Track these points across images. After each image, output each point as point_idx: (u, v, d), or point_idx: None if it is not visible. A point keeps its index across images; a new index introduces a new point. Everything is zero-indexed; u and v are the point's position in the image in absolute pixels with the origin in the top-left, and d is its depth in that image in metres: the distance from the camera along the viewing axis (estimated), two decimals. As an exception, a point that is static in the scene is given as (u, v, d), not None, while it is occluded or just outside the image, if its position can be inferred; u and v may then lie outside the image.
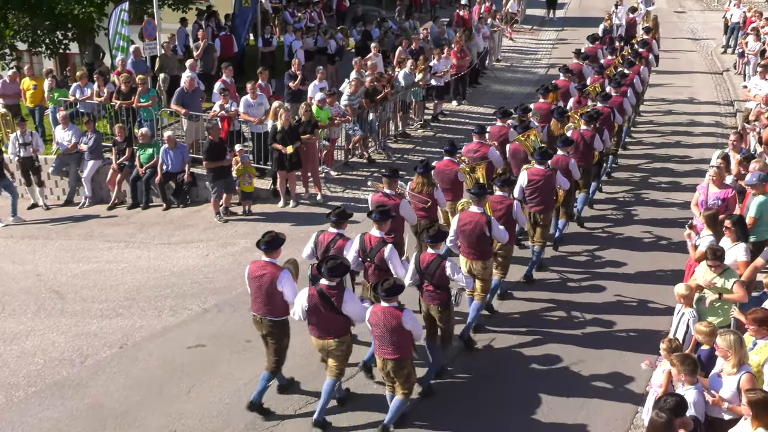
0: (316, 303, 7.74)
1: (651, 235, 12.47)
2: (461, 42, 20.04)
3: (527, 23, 31.04)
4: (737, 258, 8.69)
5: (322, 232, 9.01)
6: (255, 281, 8.13)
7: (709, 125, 18.37)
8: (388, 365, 7.69)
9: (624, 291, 10.79)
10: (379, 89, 16.30)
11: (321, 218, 13.61)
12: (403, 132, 17.86)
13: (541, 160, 10.74)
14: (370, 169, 15.86)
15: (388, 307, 7.58)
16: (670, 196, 14.02)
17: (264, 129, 14.67)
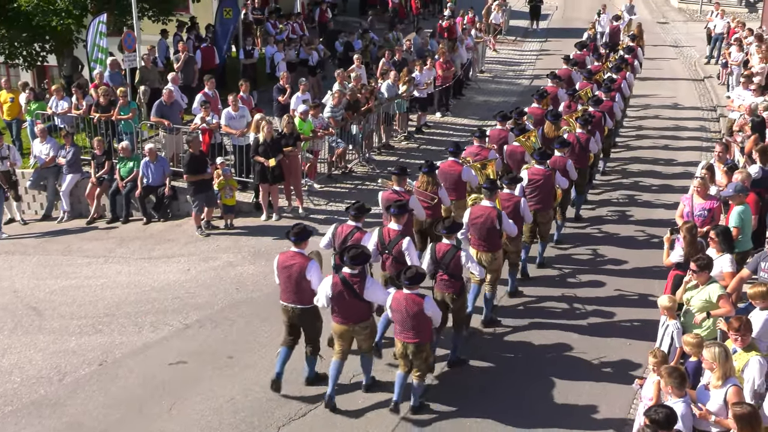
0: (340, 290, 8.24)
1: (645, 234, 13.04)
2: (445, 53, 20.14)
3: (511, 34, 31.26)
4: (723, 269, 8.75)
5: (341, 224, 9.53)
6: (284, 271, 8.59)
7: (694, 129, 19.10)
8: (408, 348, 8.23)
9: (623, 286, 11.29)
10: (362, 101, 16.33)
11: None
12: (387, 144, 17.88)
13: (540, 160, 11.35)
14: (353, 181, 15.86)
15: (410, 294, 8.09)
16: (660, 197, 14.64)
17: (246, 141, 14.65)
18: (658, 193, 14.88)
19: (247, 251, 12.99)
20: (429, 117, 19.84)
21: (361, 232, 9.31)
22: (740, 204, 9.98)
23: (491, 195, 9.93)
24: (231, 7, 21.02)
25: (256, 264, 12.43)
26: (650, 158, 16.93)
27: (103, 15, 17.84)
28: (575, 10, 36.47)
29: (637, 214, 13.94)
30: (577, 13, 35.21)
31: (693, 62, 26.77)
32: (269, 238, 13.46)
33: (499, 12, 29.67)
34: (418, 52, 21.47)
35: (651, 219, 13.67)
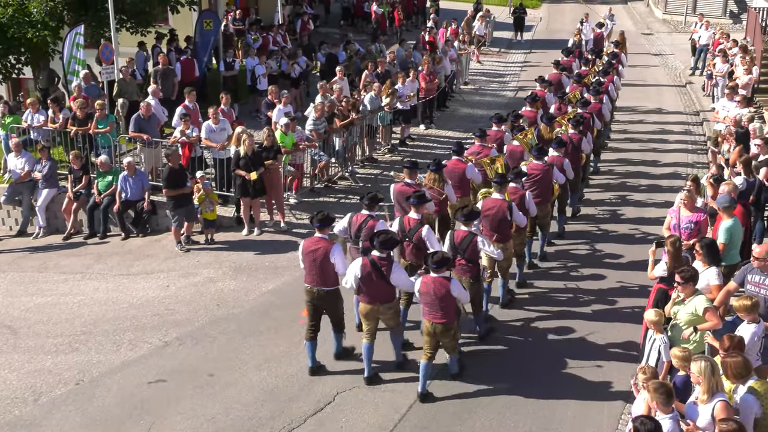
0: (368, 272, 9.00)
1: (639, 232, 13.82)
2: (429, 65, 20.24)
3: (495, 46, 31.47)
4: (709, 281, 8.80)
5: (355, 214, 10.28)
6: (309, 255, 9.31)
7: (680, 133, 20.08)
8: (437, 328, 8.94)
9: (623, 278, 12.01)
10: (345, 113, 16.37)
11: (286, 246, 13.60)
12: (370, 157, 17.92)
13: (538, 156, 12.18)
14: (336, 194, 15.87)
15: (438, 278, 8.79)
16: (651, 196, 15.53)
17: (226, 155, 14.63)
18: (648, 193, 15.73)
19: (228, 266, 12.95)
20: (413, 129, 19.91)
21: (374, 220, 10.07)
22: (729, 217, 10.01)
23: (501, 188, 10.76)
24: (211, 18, 21.06)
25: (238, 279, 12.39)
26: (639, 160, 17.83)
27: (80, 26, 17.80)
28: (559, 22, 36.83)
29: (630, 212, 14.73)
30: (560, 25, 35.54)
31: (678, 74, 27.07)
32: (250, 253, 13.42)
33: (482, 23, 29.89)
34: (401, 64, 21.56)
35: (643, 217, 14.45)
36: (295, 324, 10.76)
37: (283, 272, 12.59)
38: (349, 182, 16.58)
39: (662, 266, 9.20)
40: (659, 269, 9.25)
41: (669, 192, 15.28)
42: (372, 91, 17.71)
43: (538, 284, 11.93)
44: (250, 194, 13.92)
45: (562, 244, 13.29)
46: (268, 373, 9.65)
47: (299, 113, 16.91)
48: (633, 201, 15.35)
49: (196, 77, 19.87)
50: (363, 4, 32.11)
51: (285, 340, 10.42)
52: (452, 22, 28.22)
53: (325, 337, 9.76)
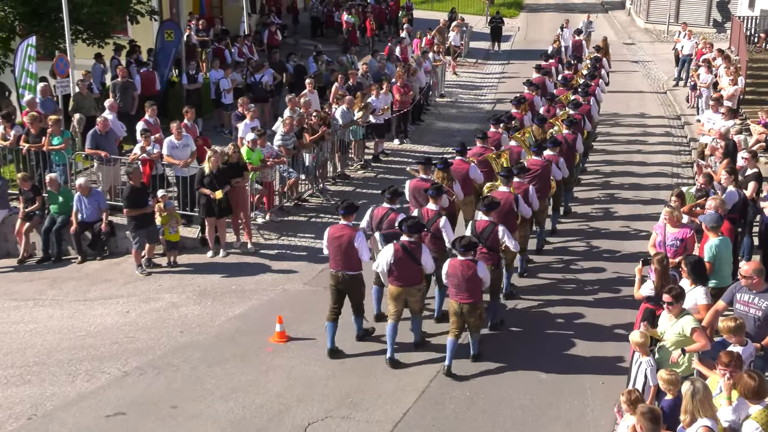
0: (400, 256, 10.11)
1: (631, 229, 14.99)
2: (403, 77, 20.33)
3: (471, 57, 31.75)
4: (697, 301, 8.85)
5: (377, 207, 11.40)
6: (335, 242, 10.41)
7: (661, 135, 21.51)
8: (464, 308, 10.02)
9: (621, 270, 13.09)
10: (315, 128, 16.37)
11: (254, 268, 13.53)
12: (342, 173, 17.92)
13: (538, 152, 13.44)
14: (307, 213, 15.84)
15: (465, 260, 9.94)
16: (638, 194, 16.87)
17: (190, 172, 14.56)
18: (635, 190, 17.10)
19: (192, 291, 12.85)
20: (386, 144, 19.97)
21: (396, 213, 11.14)
22: (716, 236, 10.01)
23: (508, 181, 11.93)
24: (172, 29, 21.01)
25: (202, 304, 12.29)
26: (623, 160, 19.20)
27: (32, 38, 17.64)
28: (538, 31, 37.25)
29: (618, 209, 16.04)
30: (539, 35, 35.95)
31: (661, 84, 27.48)
32: (216, 275, 13.33)
33: (458, 33, 30.12)
34: (374, 76, 21.65)
35: (632, 214, 15.76)
36: (263, 351, 10.69)
37: (251, 296, 12.52)
38: (320, 200, 16.55)
39: (649, 285, 9.26)
40: (646, 288, 9.30)
41: (653, 190, 16.99)
42: (343, 105, 17.74)
43: (536, 274, 13.09)
44: (215, 214, 13.84)
45: (556, 242, 14.27)
46: (234, 403, 9.56)
47: (266, 128, 16.86)
48: (621, 198, 16.61)
49: (157, 91, 19.79)
50: (333, 13, 32.30)
51: (252, 368, 10.34)
52: (427, 32, 28.47)
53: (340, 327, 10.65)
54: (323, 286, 12.71)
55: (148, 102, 16.57)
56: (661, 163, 18.97)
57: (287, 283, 13.00)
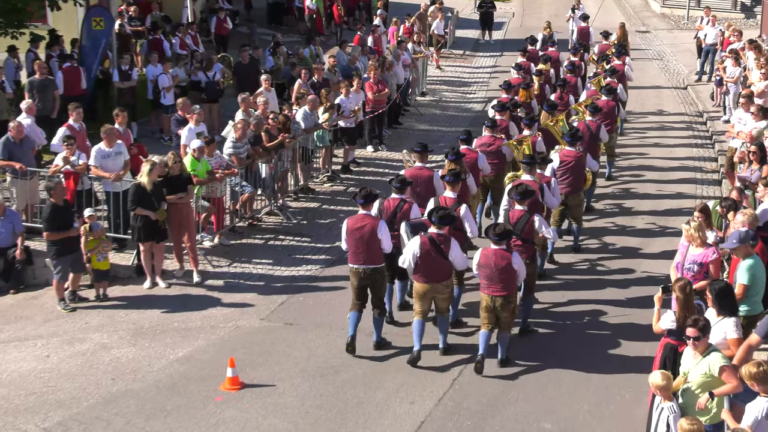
0: (427, 249, 11.04)
1: (656, 226, 16.24)
2: (377, 72, 20.41)
3: (458, 48, 31.95)
4: (727, 335, 8.91)
5: (386, 199, 12.39)
6: (355, 233, 11.39)
7: (681, 129, 22.81)
8: (497, 302, 10.95)
9: (650, 268, 14.31)
10: (274, 133, 16.38)
11: (200, 301, 13.49)
12: (306, 187, 17.94)
13: (572, 142, 14.57)
14: (264, 235, 15.82)
15: (499, 249, 10.85)
16: (661, 188, 18.30)
17: (123, 187, 14.51)
18: (658, 184, 18.47)
19: (126, 329, 12.77)
20: (358, 152, 20.04)
21: (409, 204, 12.22)
22: (747, 256, 10.08)
23: (531, 169, 13.04)
24: (102, 16, 20.94)
25: (138, 345, 12.22)
26: (639, 153, 20.63)
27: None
28: (535, 18, 37.56)
29: (638, 205, 17.32)
30: (537, 21, 36.16)
31: (681, 79, 27.80)
32: (155, 311, 13.26)
33: (441, 20, 30.29)
34: (343, 71, 21.73)
35: (659, 210, 17.02)
36: (211, 401, 10.64)
37: (197, 335, 12.48)
38: (279, 219, 16.54)
39: (670, 316, 9.31)
40: (666, 320, 9.36)
41: (679, 184, 18.49)
42: (306, 105, 17.78)
43: (564, 274, 14.21)
44: (153, 237, 13.77)
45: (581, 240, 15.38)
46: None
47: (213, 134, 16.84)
48: (640, 194, 17.97)
49: (83, 90, 19.72)
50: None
51: (199, 422, 10.28)
52: (405, 18, 28.60)
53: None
54: (284, 322, 12.73)
55: (72, 103, 16.49)
56: (684, 157, 20.42)
57: (240, 319, 12.97)
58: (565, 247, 15.03)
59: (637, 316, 12.71)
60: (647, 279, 13.92)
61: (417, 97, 25.30)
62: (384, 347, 11.76)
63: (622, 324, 12.60)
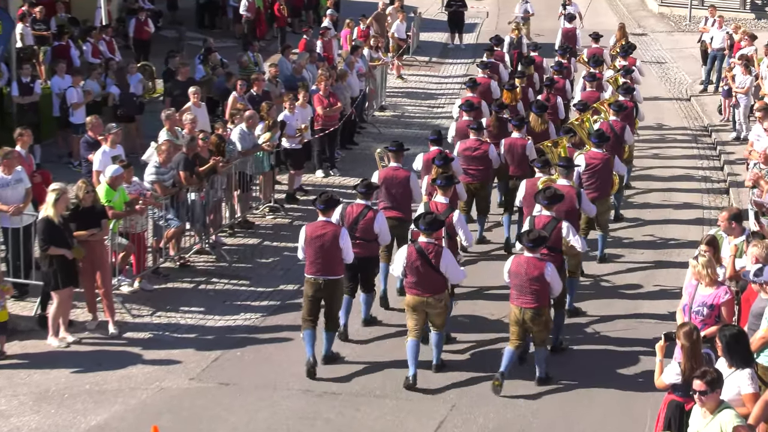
0: (414, 260, 11.93)
1: (661, 238, 17.65)
2: (327, 83, 20.40)
3: (422, 54, 32.08)
4: (741, 389, 8.93)
5: (349, 204, 13.33)
6: (316, 241, 12.38)
7: (684, 141, 23.93)
8: (526, 314, 11.76)
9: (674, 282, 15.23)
10: (205, 157, 16.32)
11: (118, 359, 13.33)
12: (244, 220, 17.87)
13: (599, 143, 15.66)
14: (195, 277, 15.71)
15: (531, 258, 11.69)
16: (668, 197, 19.85)
17: (24, 222, 14.37)
18: (665, 192, 20.04)
19: (28, 393, 12.59)
20: (305, 178, 20.05)
21: (373, 211, 13.25)
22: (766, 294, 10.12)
23: (568, 173, 14.02)
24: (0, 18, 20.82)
25: (42, 412, 12.05)
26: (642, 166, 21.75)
27: None
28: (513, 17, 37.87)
29: (648, 215, 18.77)
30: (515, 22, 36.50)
31: (684, 89, 28.14)
32: (63, 370, 13.07)
33: (403, 22, 30.39)
34: (286, 82, 21.71)
35: (668, 218, 18.57)
36: (133, 478, 10.50)
37: (114, 399, 12.35)
38: (212, 258, 16.46)
39: (675, 369, 9.35)
40: (671, 373, 9.39)
41: (685, 193, 20.05)
42: (243, 123, 17.74)
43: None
44: (73, 282, 13.60)
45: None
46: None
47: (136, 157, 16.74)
48: (653, 204, 19.43)
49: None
50: (229, -5, 32.38)
51: (117, 503, 10.14)
52: (360, 20, 28.68)
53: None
54: (218, 382, 12.65)
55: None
56: (694, 167, 21.85)
57: (166, 379, 12.85)
58: (590, 257, 15.95)
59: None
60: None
61: (375, 112, 25.39)
62: (335, 361, 12.82)
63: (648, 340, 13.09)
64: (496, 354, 12.48)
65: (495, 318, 14.18)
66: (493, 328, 13.86)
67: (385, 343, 13.59)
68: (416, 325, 12.17)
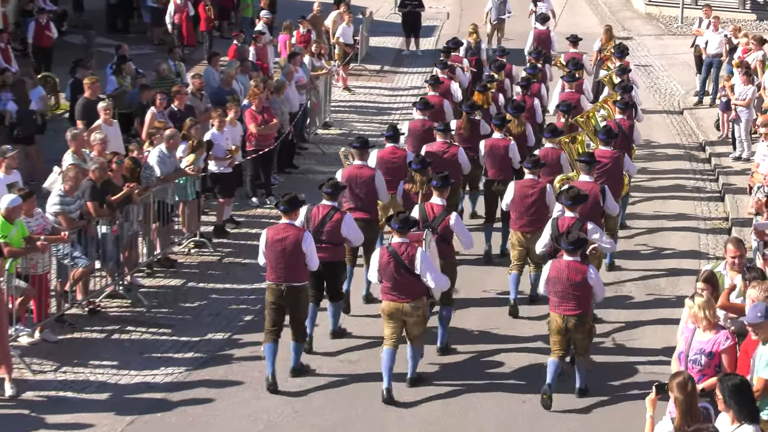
0: (386, 262, 12.98)
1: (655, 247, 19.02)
2: (262, 96, 20.37)
3: (373, 62, 32.17)
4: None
5: (315, 206, 14.33)
6: (276, 245, 13.31)
7: (677, 158, 24.61)
8: (569, 322, 12.70)
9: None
10: (118, 183, 16.25)
11: (14, 424, 13.18)
12: (165, 257, 17.80)
13: (607, 140, 16.92)
14: (107, 325, 15.61)
15: (573, 261, 12.71)
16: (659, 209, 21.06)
17: None
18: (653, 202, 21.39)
19: None
20: (237, 208, 20.04)
21: (341, 213, 14.29)
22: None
23: (590, 169, 15.37)
24: None
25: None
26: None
27: None
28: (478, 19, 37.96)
29: (640, 225, 20.08)
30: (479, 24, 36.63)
31: (675, 101, 28.43)
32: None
33: (350, 25, 30.43)
34: (213, 96, 21.67)
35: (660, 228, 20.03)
36: None
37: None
38: (127, 303, 16.36)
39: (667, 425, 9.40)
40: (663, 429, 9.44)
41: (682, 199, 21.50)
42: (163, 144, 17.69)
43: None
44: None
45: None
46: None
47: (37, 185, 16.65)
48: (645, 215, 20.60)
49: None
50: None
51: None
52: (299, 22, 28.69)
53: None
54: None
55: None
56: (680, 170, 23.38)
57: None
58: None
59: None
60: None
61: (317, 130, 25.44)
62: (304, 374, 13.83)
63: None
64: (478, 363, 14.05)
65: (476, 331, 15.53)
66: (472, 339, 15.19)
67: (355, 354, 14.69)
68: (393, 333, 13.15)
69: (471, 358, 14.68)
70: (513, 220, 16.11)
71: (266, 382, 13.40)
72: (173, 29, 30.16)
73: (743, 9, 37.72)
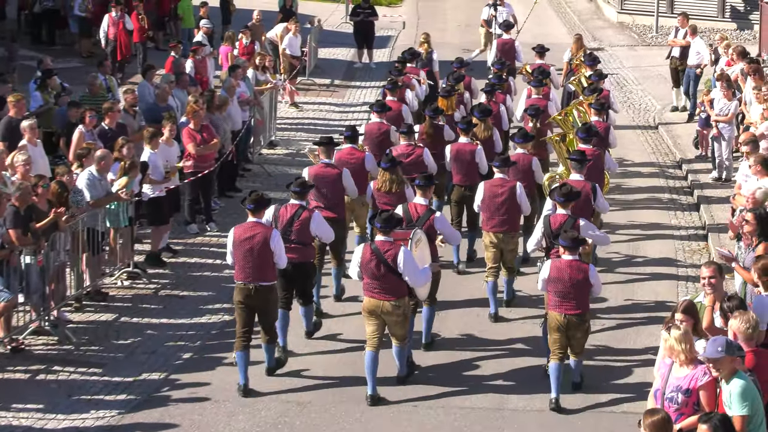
0: (368, 260, 13.80)
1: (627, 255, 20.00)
2: (201, 113, 20.33)
3: (322, 75, 32.22)
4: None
5: (283, 205, 15.24)
6: (244, 244, 14.13)
7: (650, 176, 25.08)
8: (570, 321, 13.62)
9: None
10: (42, 209, 16.20)
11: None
12: (95, 290, 17.72)
13: (587, 138, 17.88)
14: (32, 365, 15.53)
15: (573, 261, 13.61)
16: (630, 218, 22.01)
17: None
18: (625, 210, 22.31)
19: None
20: (173, 236, 20.03)
21: (309, 211, 15.15)
22: (733, 374, 10.13)
23: (581, 168, 16.40)
24: None
25: None
26: None
27: None
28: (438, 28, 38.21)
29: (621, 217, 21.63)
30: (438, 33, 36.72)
31: (650, 116, 28.64)
32: None
33: (297, 35, 30.44)
34: (148, 113, 21.60)
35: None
36: None
37: None
38: (54, 339, 16.29)
39: None
40: None
41: (644, 209, 22.49)
42: (93, 166, 17.62)
43: None
44: None
45: None
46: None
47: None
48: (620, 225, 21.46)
49: None
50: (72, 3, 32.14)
51: None
52: (243, 32, 28.69)
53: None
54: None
55: None
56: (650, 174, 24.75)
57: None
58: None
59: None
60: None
61: (262, 150, 25.44)
62: (281, 366, 14.85)
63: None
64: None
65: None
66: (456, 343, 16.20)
67: (334, 357, 15.72)
68: (374, 332, 14.01)
69: (462, 361, 15.49)
70: (484, 221, 16.97)
71: (239, 391, 14.23)
72: (107, 45, 30.03)
73: (722, 18, 38.04)
